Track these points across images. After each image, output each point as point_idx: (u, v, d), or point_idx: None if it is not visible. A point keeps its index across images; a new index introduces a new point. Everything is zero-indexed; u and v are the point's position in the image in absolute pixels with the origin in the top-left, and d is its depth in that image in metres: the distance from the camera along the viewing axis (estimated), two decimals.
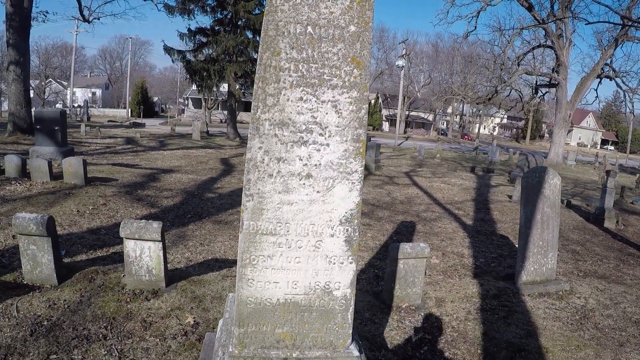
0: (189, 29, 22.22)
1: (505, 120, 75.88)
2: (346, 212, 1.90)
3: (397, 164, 17.97)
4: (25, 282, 3.85)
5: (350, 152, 1.85)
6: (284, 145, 1.83)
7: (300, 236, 1.90)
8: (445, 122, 69.63)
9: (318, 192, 1.87)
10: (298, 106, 1.80)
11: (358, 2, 1.74)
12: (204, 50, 23.14)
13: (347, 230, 1.91)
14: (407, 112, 61.93)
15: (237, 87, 23.69)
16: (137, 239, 4.07)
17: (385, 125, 64.17)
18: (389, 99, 62.83)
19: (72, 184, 8.03)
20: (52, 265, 3.85)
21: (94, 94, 66.11)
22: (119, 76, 71.08)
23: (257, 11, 21.88)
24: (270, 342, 1.99)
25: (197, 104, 53.07)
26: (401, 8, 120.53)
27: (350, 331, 2.02)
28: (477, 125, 66.20)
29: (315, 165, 1.85)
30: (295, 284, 1.95)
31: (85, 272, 4.17)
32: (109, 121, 36.64)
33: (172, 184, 9.51)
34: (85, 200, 7.12)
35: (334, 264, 1.94)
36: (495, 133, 73.36)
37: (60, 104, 53.31)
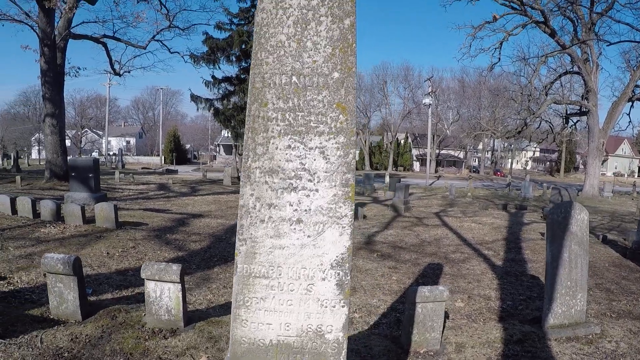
0: (213, 77, 23.29)
1: (538, 154, 74.00)
2: (337, 256, 1.92)
3: (427, 204, 17.70)
4: (51, 317, 4.01)
5: (339, 197, 1.89)
6: (274, 192, 1.90)
7: (292, 279, 1.93)
8: (476, 159, 68.63)
9: (309, 236, 1.91)
10: (287, 154, 1.88)
11: (340, 48, 1.85)
12: (231, 98, 24.09)
13: (339, 274, 1.92)
14: (437, 151, 61.57)
15: None
16: (157, 280, 4.18)
17: (416, 165, 63.85)
18: (418, 138, 62.81)
19: (104, 227, 8.35)
20: (77, 302, 4.01)
21: (128, 142, 69.43)
22: (152, 125, 74.53)
23: None
24: None
25: (229, 150, 54.59)
26: (424, 45, 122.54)
27: None
28: (510, 160, 64.82)
29: (305, 210, 1.90)
30: (288, 326, 1.96)
31: (108, 310, 4.29)
32: (142, 168, 38.11)
33: (201, 228, 9.69)
34: (115, 243, 7.37)
35: (326, 307, 1.94)
36: (528, 167, 71.46)
37: (95, 152, 56.17)
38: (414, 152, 63.39)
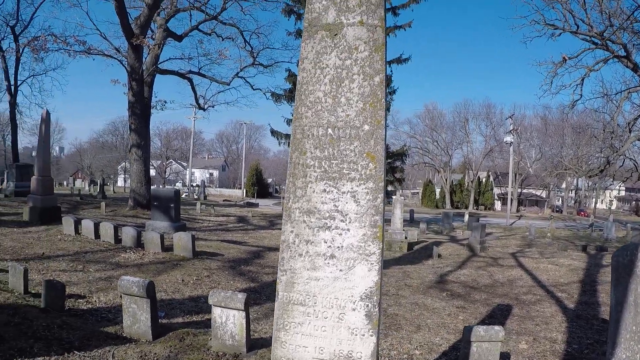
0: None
1: (623, 193, 65.67)
2: (366, 290, 2.09)
3: (505, 244, 16.65)
4: (124, 335, 4.56)
5: (368, 237, 2.08)
6: (311, 230, 2.15)
7: (326, 308, 2.14)
8: (560, 199, 62.90)
9: (341, 270, 2.12)
10: (322, 197, 2.13)
11: (371, 104, 2.07)
12: None
13: (367, 305, 2.09)
14: (519, 190, 57.60)
15: None
16: (223, 307, 4.57)
17: (497, 204, 60.28)
18: (500, 177, 59.44)
19: (181, 256, 8.81)
20: (148, 322, 4.51)
21: (211, 174, 73.43)
22: (235, 158, 78.17)
23: None
24: None
25: None
26: (506, 81, 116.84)
27: None
28: (594, 200, 58.45)
29: (338, 247, 2.12)
30: (322, 350, 2.15)
31: (177, 332, 4.76)
32: (224, 200, 39.93)
33: (275, 261, 10.06)
34: (191, 271, 7.84)
35: (356, 335, 2.10)
36: (613, 207, 63.54)
37: (179, 183, 60.10)
38: (496, 190, 59.99)
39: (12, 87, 26.75)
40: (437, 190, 63.66)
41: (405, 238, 14.39)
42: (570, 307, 7.36)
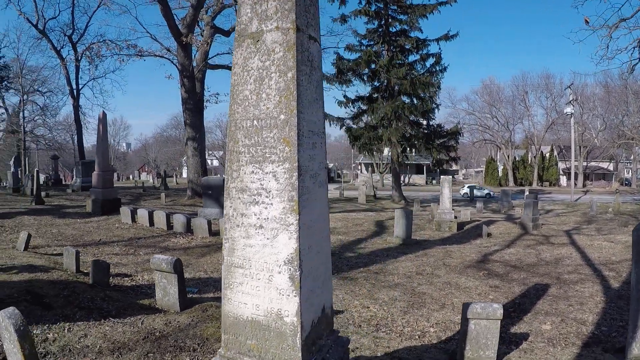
0: (345, 97, 24.51)
1: None
2: (288, 255, 2.47)
3: (562, 221, 15.86)
4: (156, 307, 5.29)
5: (287, 209, 2.46)
6: (244, 205, 2.57)
7: (258, 270, 2.56)
8: (630, 171, 57.19)
9: (267, 238, 2.52)
10: (251, 177, 2.54)
11: (285, 96, 2.43)
12: (362, 117, 24.90)
13: (290, 269, 2.47)
14: (584, 164, 53.25)
15: (399, 150, 24.52)
16: None
17: (563, 180, 56.16)
18: (564, 151, 55.22)
19: None
20: (176, 295, 5.21)
21: None
22: None
23: (410, 76, 22.93)
24: (244, 350, 2.63)
25: (371, 168, 55.93)
26: (563, 49, 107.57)
27: (300, 354, 2.48)
28: None
29: (265, 219, 2.52)
30: (258, 307, 2.58)
31: (203, 305, 5.42)
32: None
33: None
34: None
35: (283, 295, 2.50)
36: None
37: None
38: (560, 165, 55.86)
39: (75, 91, 29.57)
40: (500, 168, 60.69)
41: (455, 218, 14.35)
42: (615, 286, 7.12)
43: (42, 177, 33.03)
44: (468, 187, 36.77)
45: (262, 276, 2.55)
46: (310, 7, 2.64)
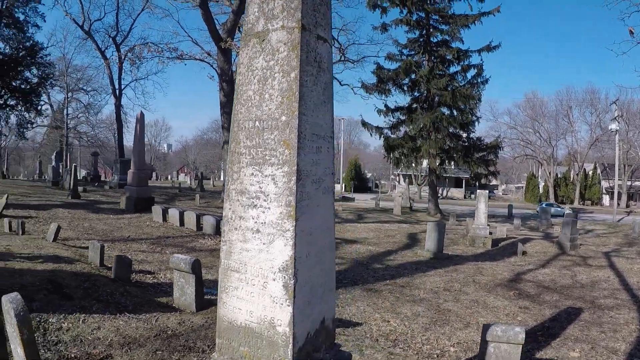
0: (385, 106, 24.24)
1: None
2: (283, 262, 2.37)
3: (602, 242, 14.89)
4: (173, 305, 5.33)
5: (284, 215, 2.36)
6: (243, 207, 2.50)
7: (254, 276, 2.47)
8: None
9: (264, 243, 2.43)
10: (251, 179, 2.47)
11: (287, 97, 2.35)
12: (401, 127, 24.55)
13: (284, 277, 2.37)
14: (629, 183, 50.13)
15: (437, 163, 23.95)
16: None
17: (605, 199, 53.04)
18: (607, 169, 52.16)
19: None
20: (193, 296, 5.22)
21: None
22: (336, 153, 79.91)
23: (450, 87, 22.45)
24: (237, 356, 2.55)
25: (409, 180, 55.08)
26: (608, 63, 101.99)
27: None
28: None
29: (262, 223, 2.44)
30: (251, 313, 2.49)
31: None
32: None
33: (348, 253, 10.47)
34: None
35: (276, 303, 2.40)
36: None
37: None
38: (603, 184, 52.80)
39: (117, 91, 30.91)
40: (541, 184, 58.17)
41: (490, 234, 13.86)
42: None
43: (82, 173, 34.68)
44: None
45: (257, 282, 2.47)
46: (320, 7, 2.55)
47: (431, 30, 23.42)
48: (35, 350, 2.48)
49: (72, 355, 3.71)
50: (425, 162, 26.32)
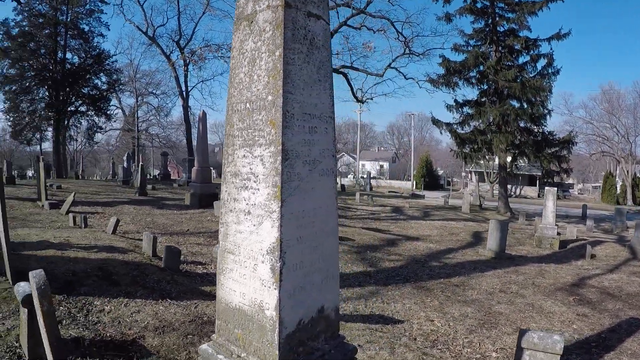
0: (455, 101, 23.27)
1: None
2: (270, 245, 2.33)
3: None
4: (214, 294, 5.48)
5: (271, 196, 2.32)
6: (236, 189, 2.51)
7: (246, 258, 2.46)
8: None
9: (254, 225, 2.41)
10: (242, 161, 2.47)
11: (272, 76, 2.31)
12: (470, 122, 23.52)
13: (272, 259, 2.32)
14: None
15: (509, 159, 22.58)
16: None
17: None
18: None
19: None
20: None
21: (381, 166, 75.55)
22: (407, 150, 78.53)
23: (519, 79, 21.07)
24: (232, 339, 2.56)
25: (480, 177, 52.70)
26: None
27: (277, 352, 2.31)
28: None
29: (252, 204, 2.42)
30: (244, 295, 2.48)
31: None
32: (389, 191, 40.83)
33: (406, 250, 10.19)
34: None
35: (265, 286, 2.36)
36: None
37: (351, 175, 63.33)
38: None
39: (184, 93, 32.61)
40: (619, 184, 52.49)
41: (558, 234, 12.83)
42: None
43: (154, 172, 36.91)
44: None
45: (248, 264, 2.46)
46: None
47: (497, 18, 22.09)
48: (54, 321, 2.69)
49: (108, 334, 3.97)
50: (496, 159, 24.96)
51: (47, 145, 37.22)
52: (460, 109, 23.54)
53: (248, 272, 2.46)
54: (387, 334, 5.02)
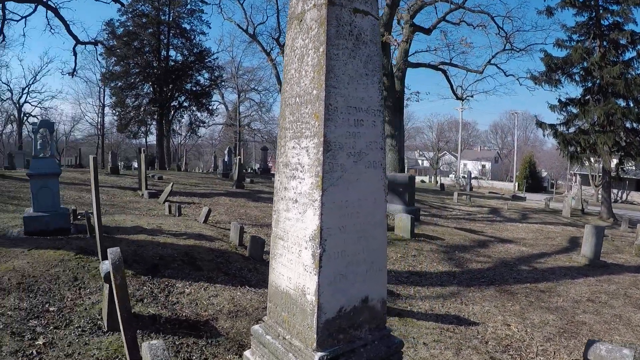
0: (559, 101, 21.48)
1: None
2: (312, 232, 2.44)
3: None
4: None
5: (314, 185, 2.43)
6: (286, 179, 2.66)
7: (292, 244, 2.60)
8: None
9: (300, 213, 2.54)
10: (292, 152, 2.61)
11: (317, 71, 2.42)
12: (574, 122, 21.57)
13: (313, 246, 2.43)
14: None
15: (614, 161, 20.21)
16: None
17: None
18: None
19: (399, 236, 9.57)
20: None
21: (483, 166, 71.42)
22: (510, 150, 73.57)
23: (626, 75, 18.75)
24: (280, 321, 2.72)
25: (585, 180, 47.43)
26: None
27: (315, 336, 2.41)
28: None
29: (299, 193, 2.55)
30: (290, 280, 2.62)
31: None
32: (490, 192, 38.46)
33: (496, 252, 9.67)
34: (399, 250, 8.44)
35: (307, 271, 2.47)
36: None
37: (452, 174, 60.64)
38: None
39: None
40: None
41: None
42: None
43: (255, 166, 38.76)
44: None
45: (294, 250, 2.60)
46: None
47: (600, 11, 19.88)
48: (126, 294, 3.09)
49: (184, 314, 4.42)
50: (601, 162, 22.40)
51: (152, 139, 40.35)
52: (564, 109, 21.71)
53: (294, 257, 2.60)
54: (458, 335, 4.83)
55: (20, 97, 41.04)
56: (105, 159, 30.72)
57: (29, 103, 43.01)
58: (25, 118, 41.07)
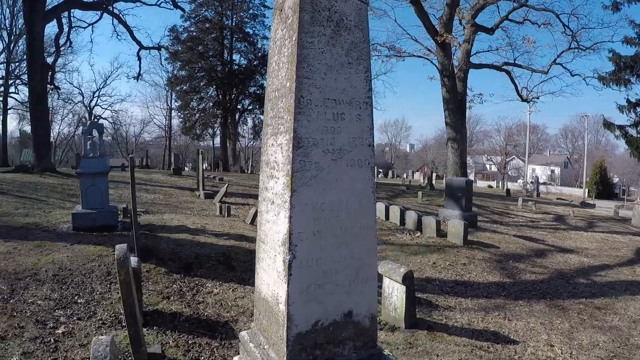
0: (627, 101, 19.43)
1: None
2: (283, 236, 2.24)
3: None
4: None
5: (285, 185, 2.24)
6: (267, 178, 2.51)
7: (270, 248, 2.43)
8: None
9: (275, 215, 2.36)
10: (271, 150, 2.45)
11: (290, 62, 2.23)
12: None
13: (284, 251, 2.23)
14: None
15: None
16: (389, 278, 4.91)
17: None
18: None
19: (452, 242, 9.09)
20: None
21: (552, 171, 66.03)
22: (581, 154, 67.41)
23: None
24: (262, 329, 2.57)
25: None
26: None
27: (285, 350, 2.20)
28: None
29: (275, 194, 2.37)
30: (268, 286, 2.45)
31: None
32: (557, 199, 35.25)
33: (553, 262, 8.84)
34: (449, 257, 7.93)
35: (280, 279, 2.28)
36: None
37: (521, 179, 56.38)
38: None
39: None
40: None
41: None
42: None
43: None
44: None
45: (271, 254, 2.43)
46: None
47: None
48: (129, 289, 3.12)
49: (205, 314, 4.43)
50: None
51: (218, 141, 40.71)
52: (634, 109, 19.42)
53: (271, 262, 2.43)
54: (490, 354, 4.31)
55: (91, 100, 43.57)
56: (170, 160, 32.40)
57: (100, 106, 45.32)
58: (96, 120, 44.93)
